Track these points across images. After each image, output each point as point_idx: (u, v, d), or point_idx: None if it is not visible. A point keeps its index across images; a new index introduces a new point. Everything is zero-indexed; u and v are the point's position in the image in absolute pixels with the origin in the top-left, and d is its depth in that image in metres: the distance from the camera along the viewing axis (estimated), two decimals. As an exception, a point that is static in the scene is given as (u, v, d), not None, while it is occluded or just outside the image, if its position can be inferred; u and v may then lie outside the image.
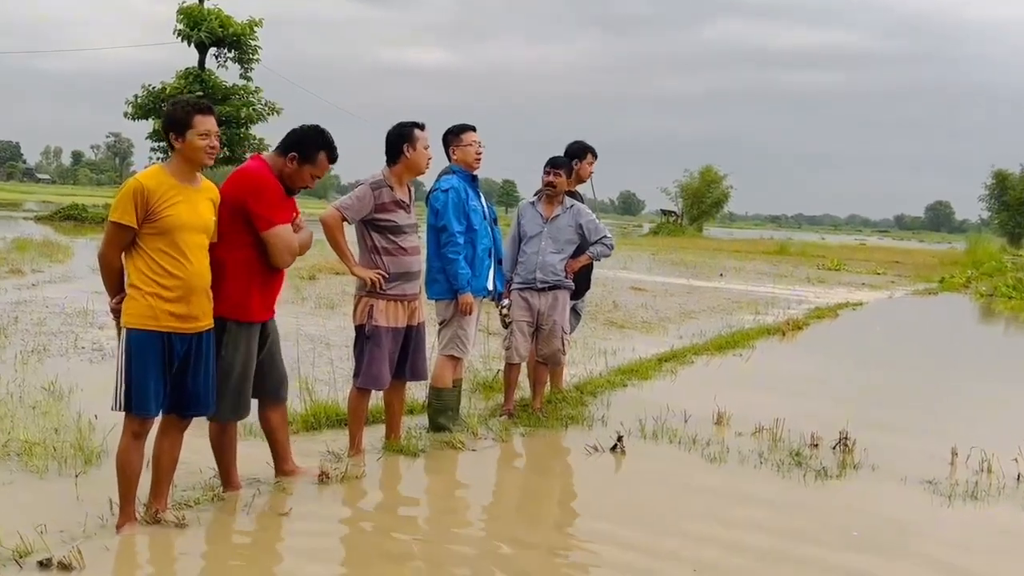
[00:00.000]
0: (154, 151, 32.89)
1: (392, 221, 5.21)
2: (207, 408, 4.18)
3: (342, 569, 3.99)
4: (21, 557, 3.64)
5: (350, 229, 5.25)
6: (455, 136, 5.87)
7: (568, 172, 6.55)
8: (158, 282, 3.88)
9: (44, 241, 19.44)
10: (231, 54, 33.66)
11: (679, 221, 60.64)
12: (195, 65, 33.36)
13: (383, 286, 5.18)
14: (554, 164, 6.47)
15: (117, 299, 3.98)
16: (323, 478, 4.81)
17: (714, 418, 6.63)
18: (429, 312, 5.73)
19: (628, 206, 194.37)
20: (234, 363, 4.34)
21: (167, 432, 4.14)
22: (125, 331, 3.90)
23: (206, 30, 32.12)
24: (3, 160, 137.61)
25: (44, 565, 3.60)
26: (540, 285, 6.43)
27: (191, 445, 4.35)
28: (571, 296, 6.66)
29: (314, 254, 4.73)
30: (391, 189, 5.22)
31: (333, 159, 4.52)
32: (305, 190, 4.60)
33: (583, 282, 6.92)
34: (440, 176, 5.87)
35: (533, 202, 6.65)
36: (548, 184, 6.46)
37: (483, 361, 8.06)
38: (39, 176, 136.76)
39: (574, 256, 6.53)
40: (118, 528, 4.01)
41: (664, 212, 65.47)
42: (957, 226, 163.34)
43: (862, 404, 7.64)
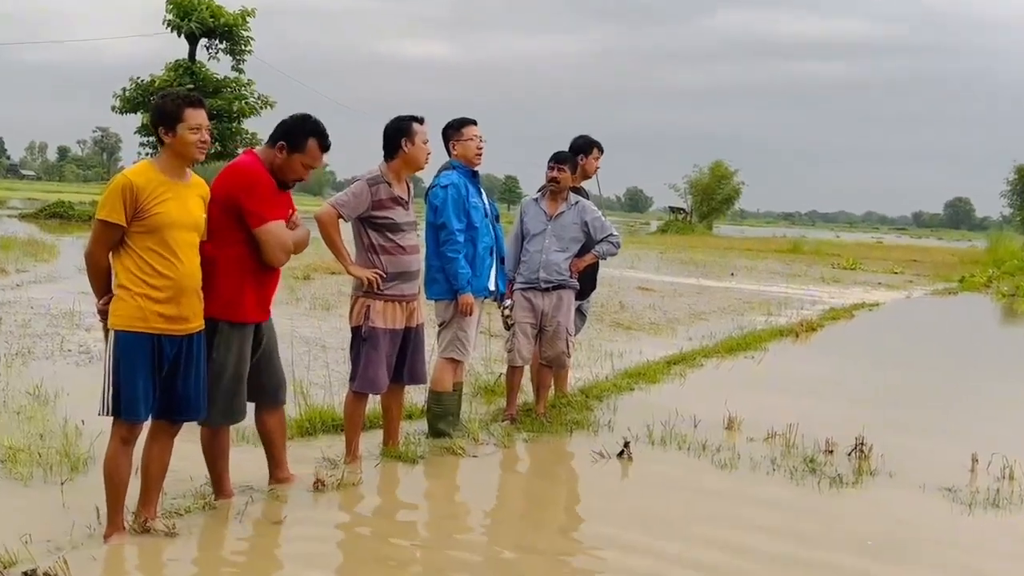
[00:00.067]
0: (143, 146, 33.02)
1: (390, 219, 5.21)
2: (198, 413, 4.19)
3: (339, 577, 4.00)
4: (5, 568, 3.65)
5: (346, 227, 5.26)
6: (455, 130, 5.88)
7: (573, 167, 6.55)
8: (147, 282, 3.89)
9: (29, 240, 19.44)
10: (222, 45, 33.78)
11: (688, 218, 60.65)
12: (185, 57, 33.47)
13: (380, 286, 5.18)
14: (558, 159, 6.47)
15: (104, 300, 3.98)
16: (319, 485, 4.83)
17: (725, 423, 6.63)
18: (428, 313, 5.74)
19: (635, 203, 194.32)
20: (226, 365, 4.35)
21: (156, 438, 4.15)
22: (113, 333, 3.91)
23: (196, 20, 32.22)
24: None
25: (29, 576, 3.60)
26: (544, 285, 6.43)
27: (181, 451, 4.36)
28: (576, 296, 6.66)
29: (309, 253, 4.74)
30: (389, 185, 5.23)
31: (325, 147, 4.52)
32: (300, 187, 4.61)
33: (588, 282, 6.92)
34: (440, 172, 5.88)
35: (536, 199, 6.65)
36: (552, 180, 6.46)
37: (484, 364, 8.06)
38: (23, 172, 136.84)
39: (579, 255, 6.54)
40: (106, 537, 4.02)
41: (672, 209, 65.49)
42: (978, 223, 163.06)
43: (879, 408, 7.63)
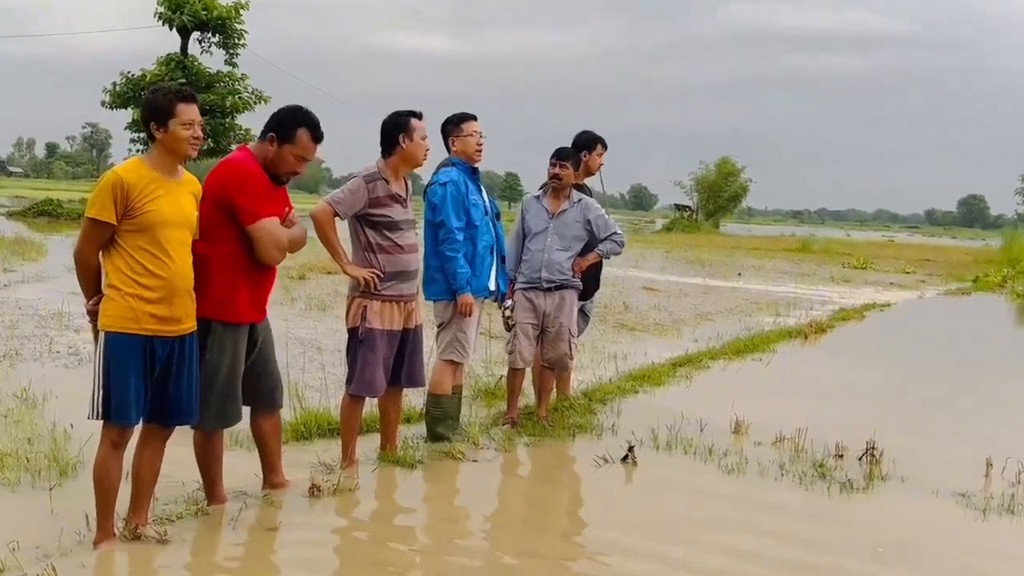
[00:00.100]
0: (133, 142, 32.99)
1: (387, 216, 5.22)
2: (190, 416, 4.19)
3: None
4: (-7, 575, 3.66)
5: (343, 225, 5.27)
6: (455, 126, 5.88)
7: (576, 164, 6.55)
8: (139, 282, 3.89)
9: (16, 238, 19.45)
10: (215, 39, 33.76)
11: (694, 216, 60.69)
12: (177, 51, 33.44)
13: (378, 286, 5.18)
14: (560, 155, 6.46)
15: (94, 300, 3.98)
16: (314, 491, 4.83)
17: (732, 427, 6.64)
18: (427, 314, 5.74)
19: (639, 200, 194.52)
20: (219, 367, 4.36)
21: (148, 442, 4.15)
22: (103, 334, 3.91)
23: (189, 13, 32.19)
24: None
25: (17, 583, 3.61)
26: (546, 285, 6.43)
27: (173, 456, 4.36)
28: (579, 297, 6.66)
29: (304, 252, 4.74)
30: (386, 182, 5.23)
31: (316, 138, 4.52)
32: (296, 184, 4.62)
33: (592, 282, 6.92)
34: (438, 169, 5.88)
35: (538, 196, 6.65)
36: (554, 177, 6.46)
37: (485, 366, 8.07)
38: (11, 169, 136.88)
39: (582, 254, 6.54)
40: (95, 544, 4.02)
41: (678, 207, 65.47)
42: (992, 221, 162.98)
43: (890, 412, 7.63)
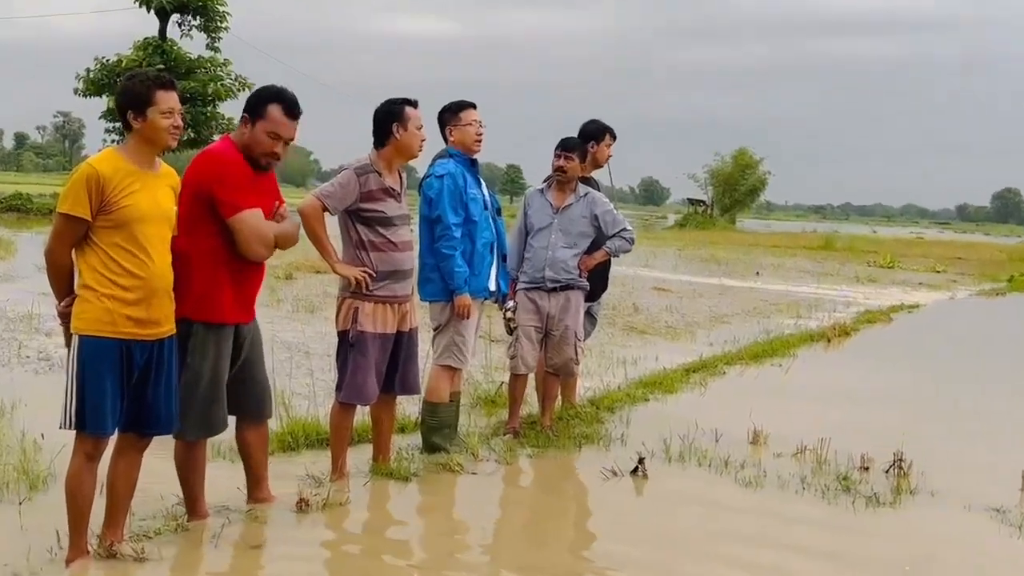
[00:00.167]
0: (108, 132, 33.02)
1: (380, 212, 5.22)
2: (169, 425, 4.18)
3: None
4: (-42, 595, 3.67)
5: (332, 221, 5.27)
6: (452, 115, 5.88)
7: (582, 156, 6.54)
8: (115, 282, 3.88)
9: (-17, 235, 19.51)
10: (196, 21, 33.78)
11: (709, 212, 60.70)
12: (155, 34, 33.46)
13: (370, 286, 5.18)
14: (566, 146, 6.46)
15: (67, 302, 3.97)
16: (302, 505, 4.82)
17: (749, 437, 6.63)
18: (423, 316, 5.74)
19: (650, 195, 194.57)
20: (201, 372, 4.36)
21: (124, 453, 4.14)
22: (77, 338, 3.90)
23: (167, -7, 32.21)
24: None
25: (-16, 604, 3.62)
26: (550, 285, 6.43)
27: (151, 468, 4.35)
28: (585, 298, 6.66)
29: (291, 250, 4.73)
30: (379, 175, 5.23)
31: (291, 113, 4.50)
32: (281, 176, 4.62)
33: (599, 282, 6.92)
34: (435, 160, 5.88)
35: (542, 190, 6.65)
36: (559, 169, 6.46)
37: (484, 372, 8.07)
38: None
39: (589, 252, 6.54)
40: (68, 562, 4.02)
41: (692, 201, 65.54)
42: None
43: (919, 421, 7.63)
